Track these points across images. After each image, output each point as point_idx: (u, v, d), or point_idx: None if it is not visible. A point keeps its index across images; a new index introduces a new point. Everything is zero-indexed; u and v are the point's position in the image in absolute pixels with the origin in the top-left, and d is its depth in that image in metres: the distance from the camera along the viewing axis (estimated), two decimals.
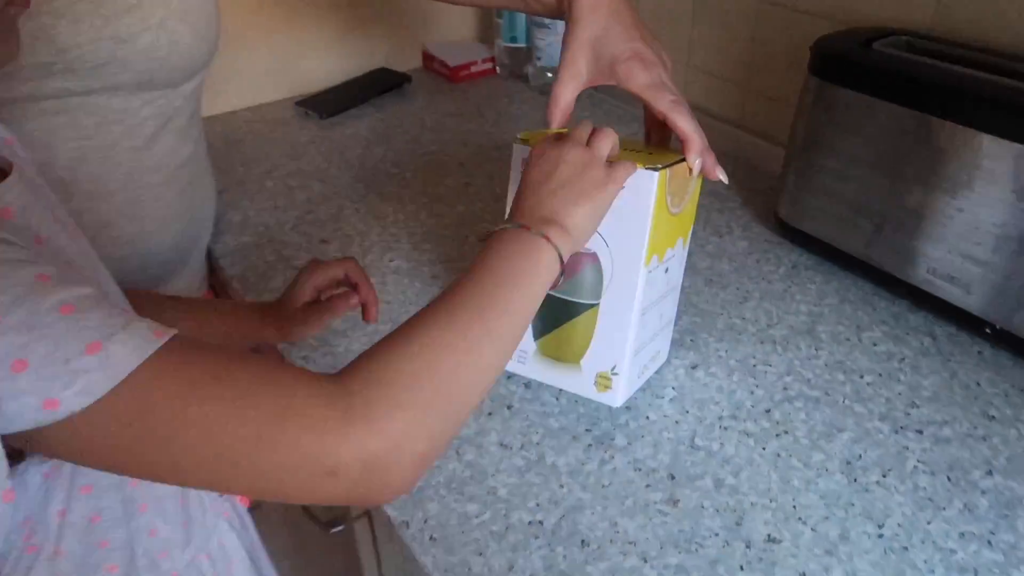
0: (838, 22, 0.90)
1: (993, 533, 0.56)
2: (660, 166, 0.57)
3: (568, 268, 0.53)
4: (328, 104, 1.23)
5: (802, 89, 0.81)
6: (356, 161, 1.09)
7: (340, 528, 0.82)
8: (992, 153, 0.65)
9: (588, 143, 0.54)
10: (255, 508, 0.78)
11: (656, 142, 0.65)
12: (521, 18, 1.27)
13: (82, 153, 0.70)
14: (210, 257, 0.91)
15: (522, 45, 1.31)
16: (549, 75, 1.27)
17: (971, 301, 0.70)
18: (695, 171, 0.60)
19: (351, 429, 0.39)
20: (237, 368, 0.39)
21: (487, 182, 1.03)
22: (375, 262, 0.87)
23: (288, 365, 0.42)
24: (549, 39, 1.22)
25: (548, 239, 0.49)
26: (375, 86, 1.29)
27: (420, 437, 0.40)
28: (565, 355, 0.66)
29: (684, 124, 0.59)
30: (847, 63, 0.75)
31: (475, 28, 1.44)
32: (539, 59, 1.26)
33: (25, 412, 0.35)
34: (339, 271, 0.69)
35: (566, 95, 0.63)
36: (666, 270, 0.64)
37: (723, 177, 0.61)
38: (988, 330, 0.70)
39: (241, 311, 0.70)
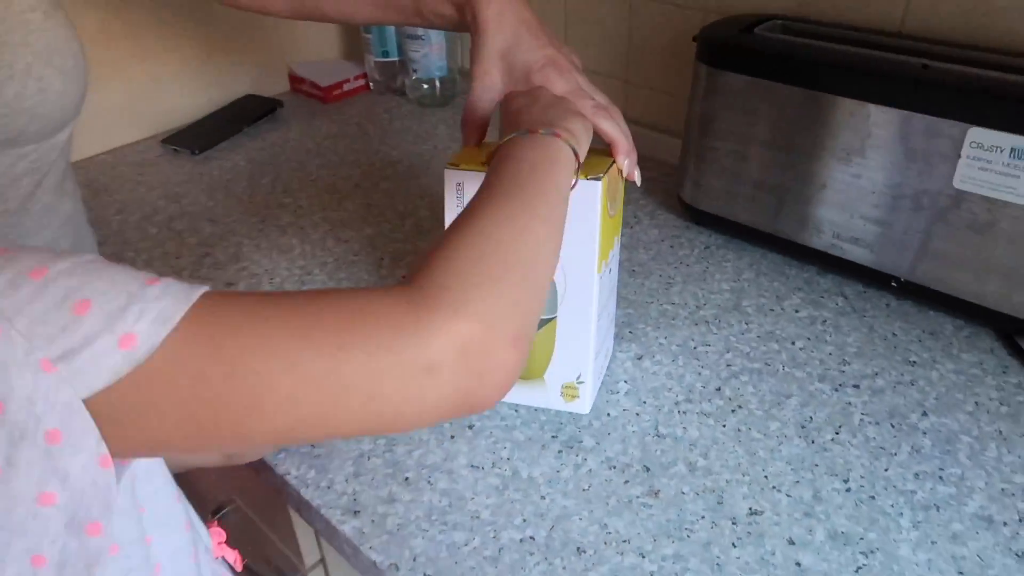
0: (711, 12, 0.94)
1: (942, 469, 0.60)
2: (600, 174, 0.57)
3: None
4: (198, 138, 1.16)
5: (692, 78, 0.84)
6: (244, 195, 1.03)
7: None
8: (879, 120, 0.70)
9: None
10: None
11: None
12: (391, 31, 1.25)
13: None
14: None
15: (394, 59, 1.28)
16: (425, 87, 1.25)
17: (875, 259, 0.76)
18: (625, 172, 0.61)
19: (435, 316, 0.36)
20: (295, 294, 0.37)
21: (388, 200, 1.00)
22: None
23: (346, 289, 0.39)
24: (423, 51, 1.21)
25: (558, 135, 0.49)
26: (245, 114, 1.23)
27: (507, 312, 0.38)
28: (528, 372, 0.65)
29: (608, 128, 0.60)
30: (734, 49, 0.79)
31: (341, 45, 1.40)
32: (415, 72, 1.24)
33: (101, 359, 0.31)
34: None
35: (482, 109, 0.63)
36: (610, 271, 0.65)
37: (638, 179, 0.63)
38: (893, 283, 0.76)
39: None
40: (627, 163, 0.61)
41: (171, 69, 1.18)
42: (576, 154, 0.50)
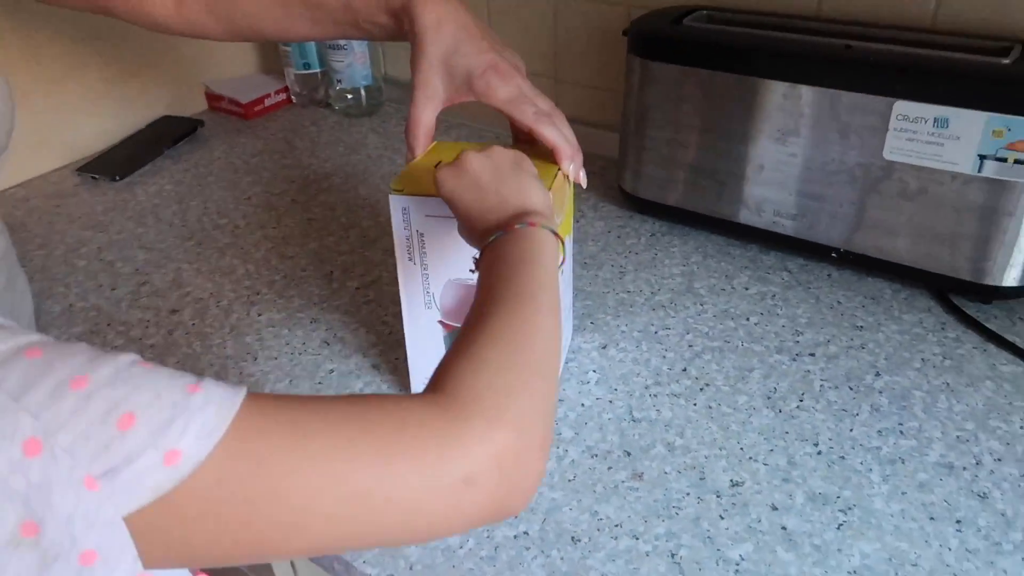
0: (635, 7, 0.97)
1: (901, 424, 0.64)
2: (547, 189, 0.57)
3: (470, 301, 0.54)
4: (117, 164, 1.11)
5: (626, 71, 0.86)
6: (175, 219, 0.99)
7: None
8: (810, 100, 0.74)
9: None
10: None
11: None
12: (310, 43, 1.23)
13: None
14: None
15: (316, 70, 1.26)
16: (350, 97, 1.24)
17: (815, 232, 0.80)
18: (572, 177, 0.62)
19: (472, 426, 0.36)
20: (330, 402, 0.36)
21: (329, 213, 0.99)
22: (242, 320, 0.80)
23: (375, 394, 0.39)
24: (347, 60, 1.19)
25: (533, 224, 0.48)
26: (164, 137, 1.18)
27: (535, 419, 0.39)
28: None
29: (550, 134, 0.60)
30: (666, 40, 0.81)
31: (258, 60, 1.37)
32: (339, 82, 1.22)
33: (145, 476, 0.30)
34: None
35: (425, 117, 0.62)
36: (562, 272, 0.66)
37: (584, 182, 0.64)
38: (833, 254, 0.80)
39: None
40: (572, 168, 0.62)
41: (78, 95, 1.13)
42: (555, 233, 0.50)
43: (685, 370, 0.71)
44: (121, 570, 0.30)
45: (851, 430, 0.63)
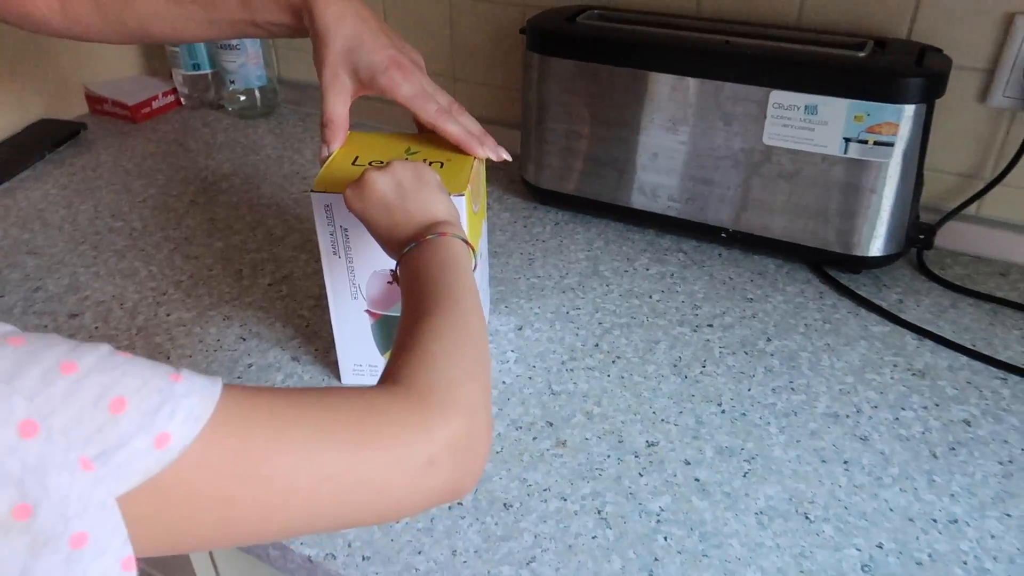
0: (529, 7, 1.01)
1: (791, 382, 0.70)
2: (464, 187, 0.60)
3: (394, 291, 0.60)
4: None
5: (524, 67, 0.90)
6: (64, 223, 0.95)
7: None
8: (697, 91, 0.80)
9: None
10: None
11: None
12: (200, 43, 1.20)
13: None
14: None
15: (206, 71, 1.23)
16: (243, 98, 1.22)
17: (705, 215, 0.86)
18: (496, 157, 0.66)
19: (432, 413, 0.39)
20: (300, 394, 0.38)
21: (233, 212, 0.97)
22: (151, 321, 0.78)
23: (335, 387, 0.42)
24: (239, 60, 1.18)
25: (444, 234, 0.51)
26: (44, 140, 1.12)
27: (482, 403, 0.42)
28: None
29: (452, 130, 0.64)
30: (562, 37, 0.86)
31: (139, 61, 1.32)
32: (232, 83, 1.20)
33: (136, 459, 0.30)
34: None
35: (339, 111, 0.64)
36: (482, 256, 0.69)
37: (507, 156, 0.67)
38: (723, 234, 0.86)
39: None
40: (487, 151, 0.65)
41: None
42: (466, 241, 0.53)
43: (597, 345, 0.75)
44: (110, 553, 0.31)
45: (749, 390, 0.69)
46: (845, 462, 0.62)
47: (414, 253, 0.51)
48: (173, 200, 1.00)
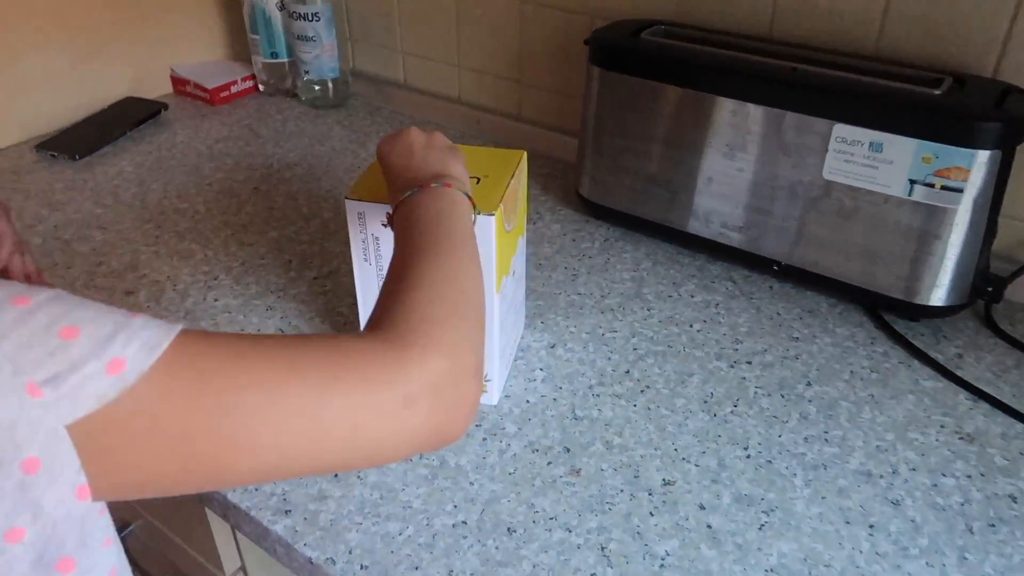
0: (597, 17, 0.99)
1: (826, 432, 0.67)
2: (496, 206, 0.60)
3: None
4: (77, 143, 1.11)
5: (586, 79, 0.89)
6: (135, 201, 1.00)
7: None
8: (757, 118, 0.77)
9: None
10: None
11: None
12: (279, 32, 1.23)
13: None
14: None
15: (284, 60, 1.27)
16: (317, 88, 1.25)
17: (759, 245, 0.83)
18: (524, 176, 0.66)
19: (409, 353, 0.39)
20: (269, 336, 0.38)
21: (291, 203, 1.00)
22: (199, 305, 0.81)
23: (314, 334, 0.42)
24: (315, 52, 1.20)
25: (449, 185, 0.52)
26: (127, 118, 1.18)
27: (467, 347, 0.42)
28: None
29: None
30: (624, 52, 0.84)
31: (225, 46, 1.37)
32: (306, 73, 1.23)
33: (88, 383, 0.31)
34: None
35: None
36: (514, 272, 0.68)
37: None
38: (775, 267, 0.83)
39: None
40: None
41: (39, 71, 1.12)
42: (469, 197, 0.53)
43: (628, 372, 0.73)
44: (63, 480, 0.31)
45: (780, 436, 0.67)
46: (871, 526, 0.59)
47: (413, 198, 0.51)
48: (238, 185, 1.04)
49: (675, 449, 0.65)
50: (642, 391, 0.71)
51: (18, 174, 1.05)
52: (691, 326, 0.79)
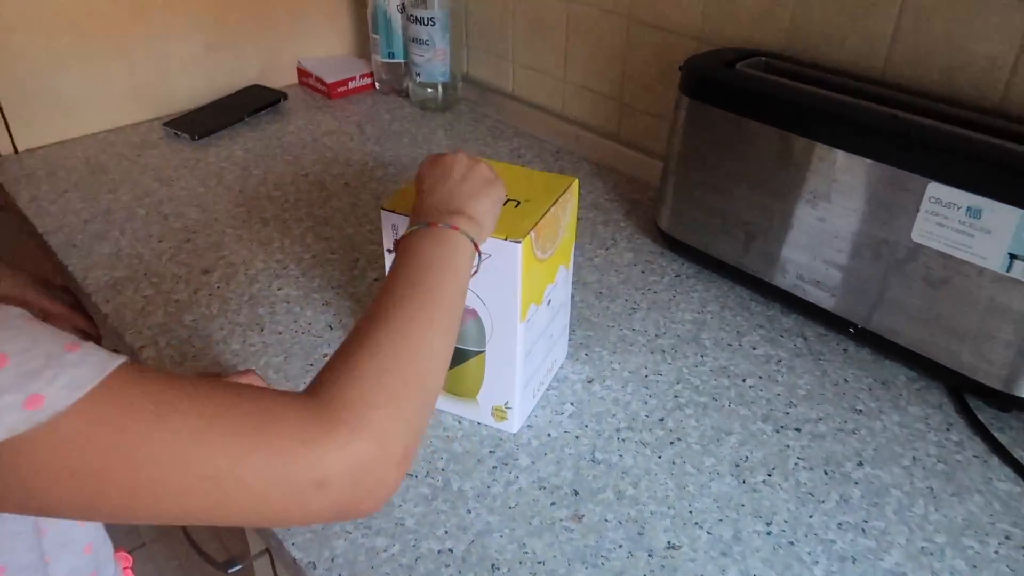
0: (704, 42, 0.95)
1: (866, 521, 0.61)
2: (525, 234, 0.58)
3: None
4: (199, 124, 1.18)
5: (675, 107, 0.85)
6: (235, 184, 1.05)
7: (238, 568, 0.79)
8: (845, 166, 0.71)
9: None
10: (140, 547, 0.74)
11: None
12: (398, 34, 1.27)
13: None
14: (80, 293, 0.86)
15: (400, 60, 1.30)
16: (429, 91, 1.27)
17: (835, 303, 0.76)
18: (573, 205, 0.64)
19: (334, 435, 0.38)
20: (206, 386, 0.38)
21: (374, 201, 1.02)
22: (263, 291, 0.84)
23: (253, 386, 0.41)
24: (427, 55, 1.22)
25: (456, 228, 0.51)
26: (249, 104, 1.25)
27: (400, 433, 0.41)
28: (462, 391, 0.67)
29: None
30: (713, 83, 0.80)
31: (351, 43, 1.42)
32: (418, 75, 1.25)
33: (3, 414, 0.32)
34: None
35: None
36: (548, 302, 0.66)
37: None
38: (851, 329, 0.76)
39: None
40: None
41: (178, 55, 1.21)
42: (475, 243, 0.52)
43: (662, 420, 0.69)
44: None
45: (811, 517, 0.61)
46: None
47: (418, 235, 0.51)
48: (330, 179, 1.07)
49: (690, 511, 0.61)
50: (671, 443, 0.67)
51: (142, 148, 1.14)
52: (744, 380, 0.74)
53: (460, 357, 0.65)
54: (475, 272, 0.53)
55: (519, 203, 0.62)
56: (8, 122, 1.10)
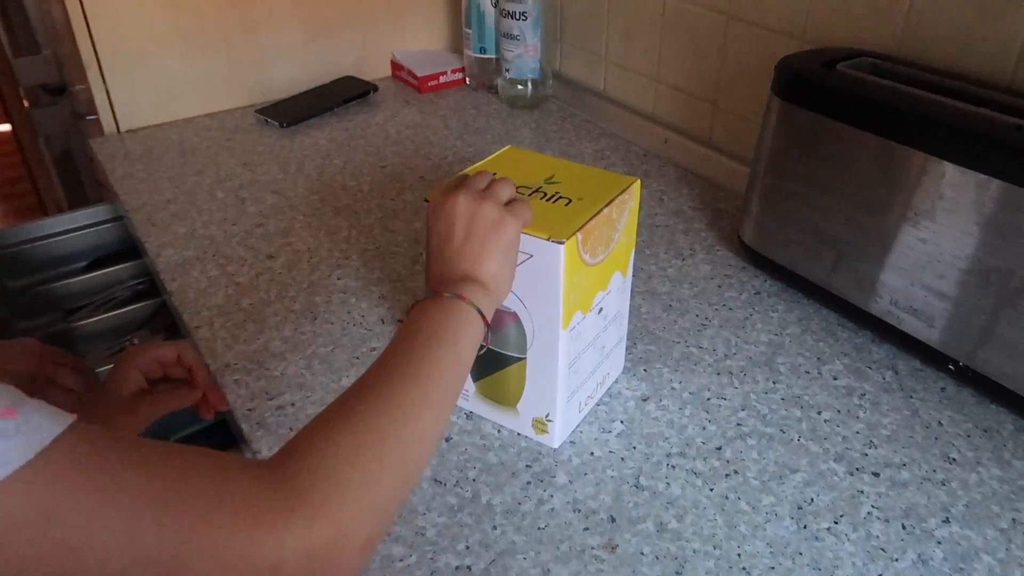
0: (807, 41, 0.87)
1: None
2: (570, 234, 0.54)
3: (494, 322, 0.56)
4: (289, 113, 1.20)
5: (765, 109, 0.78)
6: (313, 172, 1.06)
7: None
8: (955, 182, 0.62)
9: (485, 190, 0.53)
10: None
11: None
12: (490, 29, 1.24)
13: None
14: (150, 271, 0.87)
15: (491, 56, 1.27)
16: (519, 87, 1.24)
17: (934, 335, 0.68)
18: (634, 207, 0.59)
19: (294, 517, 0.35)
20: (158, 457, 0.35)
21: None
22: (322, 280, 0.83)
23: (218, 452, 0.38)
24: (517, 51, 1.19)
25: (463, 298, 0.48)
26: (339, 95, 1.25)
27: (367, 519, 0.38)
28: (501, 399, 0.64)
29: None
30: (808, 84, 0.72)
31: (445, 37, 1.41)
32: (508, 71, 1.23)
33: None
34: (170, 353, 0.65)
35: None
36: (600, 310, 0.61)
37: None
38: (951, 366, 0.67)
39: None
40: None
41: (276, 44, 1.23)
42: (482, 315, 0.49)
43: (720, 449, 0.63)
44: None
45: (879, 575, 0.53)
46: None
47: (423, 305, 0.48)
48: (407, 172, 1.06)
49: (738, 554, 0.55)
50: (727, 475, 0.61)
51: (233, 133, 1.16)
52: (819, 413, 0.66)
53: (500, 363, 0.61)
54: (485, 341, 0.50)
55: (570, 201, 0.58)
56: (113, 103, 1.15)
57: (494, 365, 0.61)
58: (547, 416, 0.61)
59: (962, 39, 0.73)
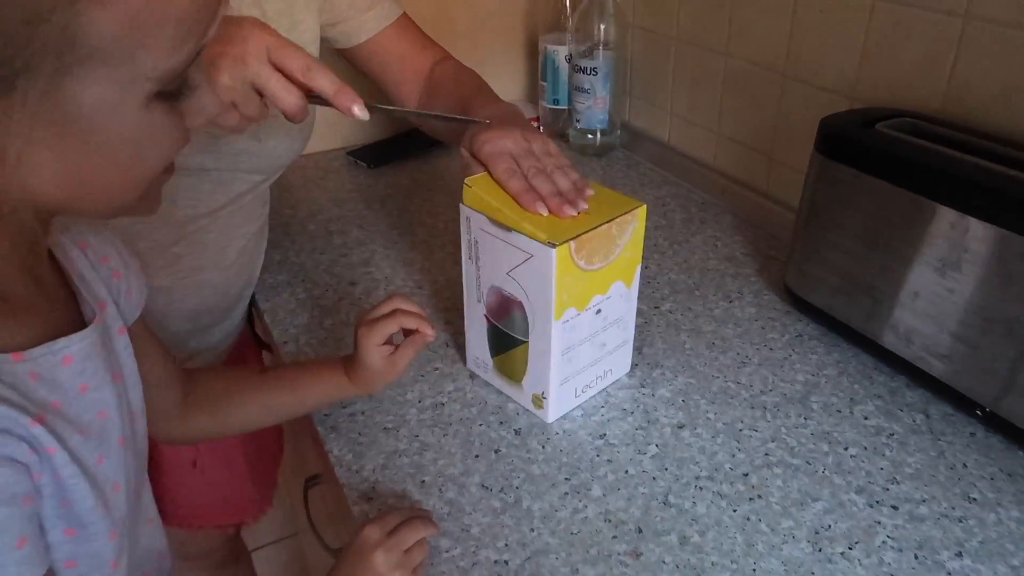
0: (856, 100, 0.92)
1: None
2: (563, 241, 0.63)
3: (504, 307, 0.69)
4: (377, 155, 1.32)
5: (809, 164, 0.83)
6: (395, 210, 1.16)
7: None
8: (979, 236, 0.66)
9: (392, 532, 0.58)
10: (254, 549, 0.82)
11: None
12: (563, 82, 1.34)
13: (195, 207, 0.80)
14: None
15: (564, 107, 1.37)
16: (590, 137, 1.32)
17: (962, 381, 0.71)
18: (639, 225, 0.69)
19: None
20: None
21: None
22: None
23: None
24: (588, 103, 1.28)
25: None
26: (423, 140, 1.36)
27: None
28: (510, 374, 0.75)
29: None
30: (847, 142, 0.78)
31: (524, 89, 1.51)
32: (578, 121, 1.31)
33: None
34: (392, 326, 0.68)
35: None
36: (598, 311, 0.70)
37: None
38: (978, 412, 0.70)
39: (329, 375, 0.71)
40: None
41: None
42: None
43: (746, 475, 0.68)
44: None
45: None
46: None
47: None
48: None
49: (754, 569, 0.59)
50: (751, 499, 0.65)
51: (326, 173, 1.29)
52: (846, 449, 0.70)
53: (510, 343, 0.72)
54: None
55: (586, 215, 0.67)
56: None
57: (506, 345, 0.73)
58: (543, 393, 0.72)
59: (1002, 101, 0.77)
